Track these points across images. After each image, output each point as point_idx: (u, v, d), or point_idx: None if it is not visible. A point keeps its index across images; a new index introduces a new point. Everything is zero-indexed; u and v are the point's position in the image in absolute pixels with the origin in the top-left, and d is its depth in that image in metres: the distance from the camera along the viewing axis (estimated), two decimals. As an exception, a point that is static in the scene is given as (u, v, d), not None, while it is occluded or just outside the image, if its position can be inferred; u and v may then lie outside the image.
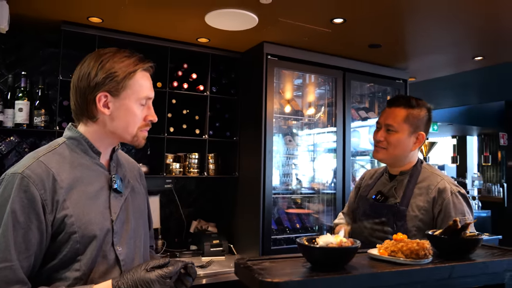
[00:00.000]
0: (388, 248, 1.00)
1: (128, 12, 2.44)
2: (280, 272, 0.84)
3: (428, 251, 0.96)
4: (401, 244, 0.98)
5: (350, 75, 3.31)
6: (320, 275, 0.82)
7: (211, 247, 3.04)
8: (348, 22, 2.51)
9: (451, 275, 0.90)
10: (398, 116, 1.79)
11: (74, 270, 1.12)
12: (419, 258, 0.94)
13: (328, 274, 0.83)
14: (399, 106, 1.81)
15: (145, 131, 1.30)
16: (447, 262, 0.94)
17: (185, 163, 3.11)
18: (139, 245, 1.31)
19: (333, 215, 3.25)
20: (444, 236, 1.06)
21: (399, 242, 1.00)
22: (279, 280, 0.76)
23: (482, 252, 1.09)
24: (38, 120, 2.63)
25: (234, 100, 3.25)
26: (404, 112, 1.79)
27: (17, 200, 1.06)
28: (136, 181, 1.40)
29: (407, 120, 1.78)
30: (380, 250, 1.02)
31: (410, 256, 0.95)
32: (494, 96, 6.24)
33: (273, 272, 0.84)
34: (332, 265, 0.90)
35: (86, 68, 1.21)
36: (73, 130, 1.25)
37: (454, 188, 1.72)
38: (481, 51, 3.11)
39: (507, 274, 0.95)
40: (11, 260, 1.03)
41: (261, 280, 0.77)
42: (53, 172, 1.13)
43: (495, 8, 2.30)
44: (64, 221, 1.11)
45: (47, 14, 2.51)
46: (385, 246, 1.02)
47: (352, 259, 0.94)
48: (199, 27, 2.65)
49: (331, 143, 3.39)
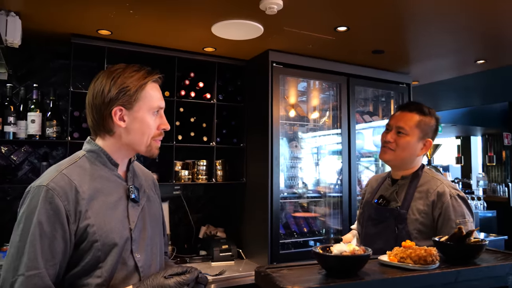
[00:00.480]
0: (398, 255, 1.05)
1: (136, 24, 2.50)
2: (298, 279, 0.90)
3: (435, 257, 1.01)
4: (409, 250, 1.03)
5: (354, 81, 3.36)
6: (337, 281, 0.88)
7: (220, 252, 3.09)
8: (351, 30, 2.56)
9: (457, 279, 0.95)
10: (410, 120, 1.84)
11: (96, 276, 1.18)
12: (427, 263, 1.00)
13: (343, 280, 0.88)
14: (411, 111, 1.87)
15: (159, 140, 1.36)
16: (453, 267, 0.99)
17: (194, 170, 3.17)
18: (156, 252, 1.37)
19: (339, 218, 3.29)
20: (450, 243, 1.11)
21: (408, 248, 1.05)
22: (294, 286, 0.81)
23: (486, 256, 1.14)
24: (50, 131, 2.70)
25: (240, 107, 3.31)
26: (417, 118, 1.84)
27: (43, 211, 1.12)
28: (151, 191, 1.47)
29: (419, 126, 1.83)
30: (390, 256, 1.07)
31: (418, 262, 1.00)
32: (497, 98, 6.27)
33: (292, 279, 0.89)
34: (346, 271, 0.95)
35: (99, 85, 1.28)
36: (92, 144, 1.31)
37: (453, 191, 1.76)
38: (483, 55, 3.16)
39: (510, 277, 1.00)
40: (39, 268, 1.09)
41: (282, 287, 0.82)
42: (75, 184, 1.19)
43: (495, 13, 2.35)
44: (86, 230, 1.17)
45: (57, 27, 2.58)
46: (395, 253, 1.07)
47: (364, 266, 0.99)
48: (205, 37, 2.71)
49: (337, 148, 3.44)
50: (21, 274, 1.08)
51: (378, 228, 1.87)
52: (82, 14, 2.37)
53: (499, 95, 6.01)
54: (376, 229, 1.88)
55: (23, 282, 1.07)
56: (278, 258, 2.91)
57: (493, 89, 5.40)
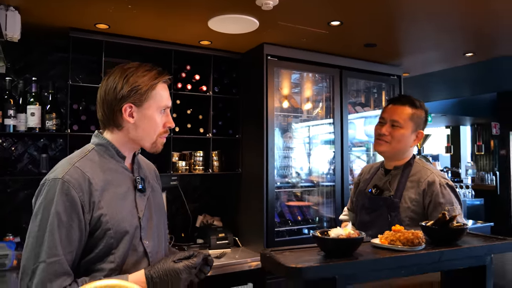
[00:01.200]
0: (388, 238, 1.16)
1: (134, 18, 2.55)
2: (300, 260, 0.99)
3: (421, 239, 1.13)
4: (398, 234, 1.14)
5: (347, 73, 3.44)
6: (334, 261, 0.97)
7: (217, 240, 3.19)
8: (344, 24, 2.64)
9: (440, 258, 1.06)
10: (404, 113, 1.94)
11: (109, 262, 1.26)
12: (414, 245, 1.11)
13: (339, 260, 0.98)
14: (404, 104, 1.96)
15: (164, 137, 1.45)
16: (437, 248, 1.10)
17: (191, 161, 3.25)
18: (161, 238, 1.46)
19: (332, 207, 3.40)
20: (435, 227, 1.22)
21: (397, 232, 1.16)
22: (302, 266, 0.91)
23: (468, 239, 1.25)
24: (50, 123, 2.75)
25: (235, 99, 3.38)
26: (410, 111, 1.95)
27: (60, 202, 1.20)
28: (154, 181, 1.56)
29: (412, 119, 1.94)
30: (381, 239, 1.18)
31: (406, 244, 1.12)
32: (487, 88, 6.42)
33: (295, 260, 0.99)
34: (342, 253, 1.06)
35: (112, 82, 1.35)
36: (101, 137, 1.39)
37: (443, 180, 1.87)
38: (471, 47, 3.25)
39: (487, 257, 1.11)
40: (59, 255, 1.17)
41: (287, 266, 0.92)
42: (88, 176, 1.27)
43: (483, 7, 2.43)
44: (100, 219, 1.25)
45: (56, 21, 2.61)
46: (385, 236, 1.18)
47: (358, 248, 1.09)
48: (202, 30, 2.77)
49: (329, 138, 3.54)
50: (42, 261, 1.16)
51: (372, 216, 1.98)
52: (80, 9, 2.41)
53: (488, 86, 6.15)
54: (370, 217, 1.99)
55: (45, 268, 1.15)
56: (274, 245, 3.01)
57: (482, 80, 5.53)
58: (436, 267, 1.07)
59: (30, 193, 2.90)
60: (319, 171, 3.65)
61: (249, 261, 2.90)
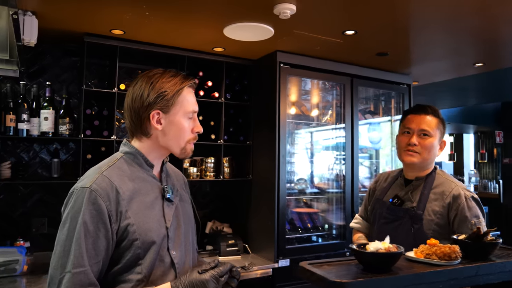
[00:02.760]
0: (424, 252, 1.16)
1: (149, 24, 2.56)
2: (341, 274, 0.99)
3: (458, 254, 1.13)
4: (435, 248, 1.15)
5: (358, 81, 3.45)
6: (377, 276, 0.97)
7: (227, 247, 3.18)
8: (359, 33, 2.65)
9: (477, 273, 1.07)
10: (432, 123, 1.94)
11: (136, 273, 1.25)
12: (451, 259, 1.11)
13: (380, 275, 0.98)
14: (429, 114, 1.96)
15: (192, 143, 1.43)
16: (474, 263, 1.11)
17: (202, 167, 3.25)
18: (189, 248, 1.44)
19: (342, 214, 3.40)
20: (469, 241, 1.23)
21: (433, 246, 1.16)
22: (346, 281, 0.91)
23: (499, 252, 1.25)
24: (63, 128, 2.75)
25: (246, 105, 3.39)
26: (436, 120, 1.95)
27: (87, 212, 1.19)
28: (182, 190, 1.54)
29: (439, 128, 1.95)
30: (417, 253, 1.18)
31: (443, 258, 1.12)
32: (491, 98, 6.45)
33: (335, 274, 0.99)
34: (381, 267, 1.05)
35: (138, 90, 1.35)
36: (129, 146, 1.38)
37: (468, 193, 1.86)
38: (481, 57, 3.27)
39: None
40: (84, 265, 1.16)
41: (331, 280, 0.91)
42: (116, 185, 1.26)
43: (493, 18, 2.44)
44: (127, 229, 1.24)
45: (71, 27, 2.62)
46: (421, 249, 1.19)
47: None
48: (216, 37, 2.78)
49: (339, 146, 3.54)
50: (68, 271, 1.15)
51: (391, 226, 1.96)
52: (97, 15, 2.42)
53: (493, 96, 6.18)
54: (389, 227, 1.97)
55: (70, 279, 1.14)
56: (285, 253, 3.01)
57: (487, 90, 5.56)
58: (472, 282, 1.07)
59: (40, 198, 2.90)
60: (328, 178, 3.65)
61: (259, 268, 2.90)
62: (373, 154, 3.98)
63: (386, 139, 3.94)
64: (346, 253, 3.30)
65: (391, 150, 3.93)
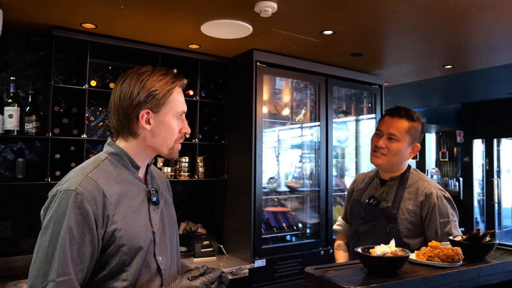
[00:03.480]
0: (426, 254, 1.17)
1: (123, 19, 2.46)
2: (349, 279, 0.97)
3: (461, 256, 1.14)
4: (437, 250, 1.15)
5: (332, 81, 3.49)
6: (389, 280, 0.96)
7: (201, 248, 3.12)
8: (337, 33, 2.67)
9: (479, 274, 1.08)
10: (401, 127, 1.91)
11: (122, 280, 1.19)
12: (454, 262, 1.12)
13: (390, 279, 0.97)
14: (401, 117, 1.94)
15: (179, 143, 1.38)
16: (476, 264, 1.13)
17: (176, 167, 3.17)
18: (174, 253, 1.39)
19: (317, 212, 3.42)
20: (468, 242, 1.25)
21: (435, 248, 1.17)
22: (356, 286, 0.89)
23: (493, 253, 1.29)
24: (30, 126, 2.60)
25: (222, 104, 3.33)
26: (407, 124, 1.92)
27: (73, 216, 1.12)
28: (166, 192, 1.49)
29: (409, 132, 1.91)
30: (419, 255, 1.18)
31: (445, 260, 1.13)
32: (454, 99, 6.73)
33: (344, 279, 0.97)
34: (388, 271, 1.05)
35: (127, 87, 1.28)
36: (114, 146, 1.31)
37: (440, 192, 1.90)
38: (450, 60, 3.39)
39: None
40: (69, 273, 1.09)
41: (342, 286, 0.89)
42: (102, 188, 1.19)
43: (462, 25, 2.56)
44: (114, 234, 1.17)
45: (38, 18, 2.48)
46: (423, 252, 1.19)
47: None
48: (192, 34, 2.72)
49: (313, 146, 3.56)
50: (51, 280, 1.07)
51: (368, 226, 1.99)
52: (68, 7, 2.30)
53: (455, 97, 6.45)
54: (366, 228, 2.00)
55: None
56: (261, 253, 2.99)
57: (449, 91, 5.78)
58: (474, 283, 1.09)
59: (3, 200, 2.73)
60: (303, 176, 3.66)
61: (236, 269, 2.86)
62: (339, 153, 4.03)
63: (351, 138, 4.01)
64: (320, 252, 3.33)
65: (354, 149, 4.01)
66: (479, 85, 5.22)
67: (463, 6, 2.23)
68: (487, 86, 5.29)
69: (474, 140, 7.75)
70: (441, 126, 7.89)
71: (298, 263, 3.18)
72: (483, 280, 1.11)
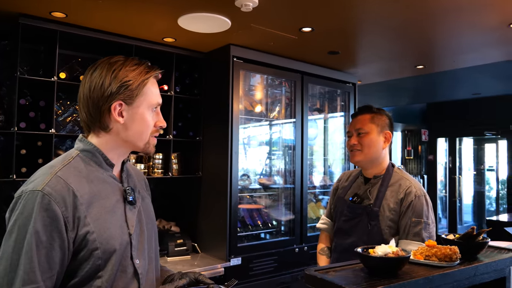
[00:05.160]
0: (423, 253, 1.17)
1: (96, 8, 2.35)
2: (352, 280, 0.96)
3: (458, 255, 1.15)
4: (434, 249, 1.16)
5: (308, 78, 3.49)
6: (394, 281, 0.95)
7: (175, 247, 3.05)
8: (315, 31, 2.66)
9: (475, 273, 1.10)
10: (364, 119, 2.03)
11: (96, 286, 1.10)
12: (451, 261, 1.13)
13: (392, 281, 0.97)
14: (362, 113, 2.07)
15: (155, 137, 1.31)
16: (472, 263, 1.16)
17: (149, 164, 3.08)
18: (152, 256, 1.31)
19: (292, 209, 3.43)
20: (461, 241, 1.27)
21: (432, 247, 1.17)
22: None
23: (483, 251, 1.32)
24: (-7, 120, 2.44)
25: (197, 99, 3.27)
26: (368, 116, 2.03)
27: (39, 219, 1.03)
28: (144, 190, 1.41)
29: (373, 121, 2.01)
30: (416, 255, 1.18)
31: (443, 260, 1.14)
32: (420, 99, 6.94)
33: (347, 281, 0.95)
34: (389, 271, 1.04)
35: (97, 78, 1.19)
36: (86, 142, 1.22)
37: (419, 192, 1.93)
38: (422, 61, 3.47)
39: (507, 269, 1.17)
40: (37, 281, 1.00)
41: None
42: (72, 188, 1.10)
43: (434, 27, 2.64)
44: (86, 237, 1.09)
45: (4, 5, 2.32)
46: (420, 251, 1.19)
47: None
48: (168, 27, 2.64)
49: (288, 142, 3.56)
50: None
51: (350, 224, 2.00)
52: (37, -6, 2.17)
53: (422, 97, 6.65)
54: (349, 225, 2.01)
55: None
56: (236, 251, 2.96)
57: (417, 91, 5.95)
58: (471, 282, 1.11)
59: (-37, 198, 2.55)
60: (278, 174, 3.65)
61: (211, 268, 2.82)
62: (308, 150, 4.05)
63: (320, 135, 4.05)
64: (295, 249, 3.33)
65: (323, 147, 4.05)
66: (445, 85, 5.39)
67: (434, 8, 2.29)
68: (452, 87, 5.48)
69: (438, 139, 8.02)
70: (407, 124, 8.11)
71: (273, 261, 3.17)
72: (479, 279, 1.13)
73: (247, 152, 3.62)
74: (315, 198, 3.92)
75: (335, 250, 2.11)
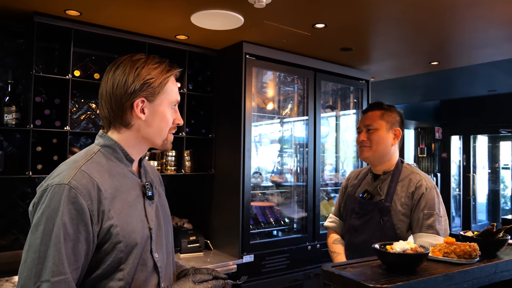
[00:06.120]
0: (442, 250, 1.15)
1: (110, 6, 2.37)
2: (371, 277, 0.95)
3: (478, 252, 1.14)
4: (453, 246, 1.14)
5: (321, 75, 3.47)
6: (412, 278, 0.94)
7: (188, 244, 3.07)
8: (329, 27, 2.64)
9: (496, 270, 1.08)
10: (374, 116, 2.03)
11: (117, 279, 1.13)
12: (471, 258, 1.12)
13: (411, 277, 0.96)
14: (372, 109, 2.07)
15: (172, 134, 1.34)
16: (491, 261, 1.14)
17: (162, 161, 3.09)
18: (170, 250, 1.34)
19: (304, 207, 3.41)
20: (481, 238, 1.25)
21: (451, 244, 1.16)
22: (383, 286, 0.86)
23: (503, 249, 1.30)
24: (9, 117, 2.47)
25: (209, 97, 3.27)
26: (378, 112, 2.04)
27: (66, 212, 1.05)
28: (159, 186, 1.43)
29: (383, 118, 2.01)
30: (435, 252, 1.17)
31: (462, 257, 1.12)
32: (433, 96, 6.84)
33: (366, 277, 0.94)
34: (407, 268, 1.03)
35: (121, 75, 1.22)
36: (107, 138, 1.25)
37: (430, 184, 1.93)
38: (436, 57, 3.42)
39: None
40: (65, 272, 1.03)
41: (366, 285, 0.86)
42: (97, 182, 1.13)
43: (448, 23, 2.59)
44: (110, 231, 1.11)
45: (19, 4, 2.35)
46: (438, 248, 1.17)
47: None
48: (181, 24, 2.64)
49: (300, 139, 3.54)
50: (45, 280, 1.01)
51: (363, 220, 1.99)
52: (52, -8, 2.19)
53: (435, 94, 6.55)
54: (360, 222, 2.00)
55: None
56: (249, 249, 2.96)
57: (430, 88, 5.87)
58: (491, 279, 1.09)
59: (-19, 195, 2.59)
60: (289, 171, 3.64)
61: (223, 265, 2.82)
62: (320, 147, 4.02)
63: (331, 133, 4.02)
64: (307, 246, 3.32)
65: (334, 144, 4.02)
66: (460, 82, 5.31)
67: (448, 3, 2.25)
68: (468, 83, 5.39)
69: (452, 137, 7.92)
70: (420, 122, 8.01)
71: (285, 258, 3.16)
72: (499, 276, 1.11)
73: (259, 150, 3.61)
74: (327, 195, 3.90)
75: (347, 248, 2.10)
